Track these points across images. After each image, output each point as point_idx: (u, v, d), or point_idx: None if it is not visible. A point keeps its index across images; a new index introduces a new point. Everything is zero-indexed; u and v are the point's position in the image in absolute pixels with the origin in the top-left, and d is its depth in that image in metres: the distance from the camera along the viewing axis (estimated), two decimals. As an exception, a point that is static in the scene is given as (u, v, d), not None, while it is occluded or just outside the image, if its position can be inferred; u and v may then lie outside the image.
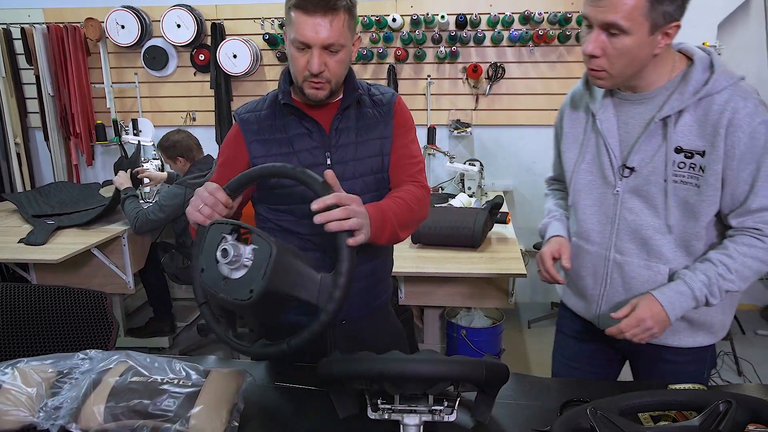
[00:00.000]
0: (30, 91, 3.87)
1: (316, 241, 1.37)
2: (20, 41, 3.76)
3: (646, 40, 1.12)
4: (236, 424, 1.08)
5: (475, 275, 2.28)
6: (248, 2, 3.60)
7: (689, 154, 1.17)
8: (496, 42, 3.41)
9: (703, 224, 1.21)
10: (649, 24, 1.10)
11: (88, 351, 1.25)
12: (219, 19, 3.62)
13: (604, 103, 1.28)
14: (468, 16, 3.35)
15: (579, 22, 3.20)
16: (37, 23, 3.72)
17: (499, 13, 3.33)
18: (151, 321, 3.37)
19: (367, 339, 1.50)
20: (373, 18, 3.42)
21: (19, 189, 3.94)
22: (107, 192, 3.35)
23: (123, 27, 3.58)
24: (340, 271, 0.99)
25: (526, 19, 3.29)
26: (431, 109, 3.55)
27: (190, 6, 3.55)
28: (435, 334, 3.01)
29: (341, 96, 1.38)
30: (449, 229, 2.38)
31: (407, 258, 2.35)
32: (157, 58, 3.70)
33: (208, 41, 3.64)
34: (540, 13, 3.24)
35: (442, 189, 3.56)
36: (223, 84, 3.65)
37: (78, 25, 3.68)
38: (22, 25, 3.73)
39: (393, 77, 3.52)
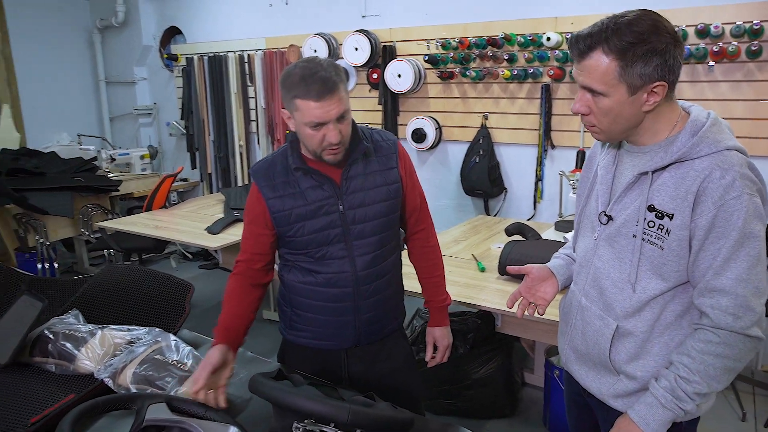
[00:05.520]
0: (251, 103, 4.81)
1: (327, 277, 1.55)
2: (247, 64, 4.70)
3: (627, 100, 1.11)
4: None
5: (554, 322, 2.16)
6: (417, 24, 3.86)
7: (660, 215, 1.14)
8: (665, 59, 3.02)
9: (669, 286, 1.16)
10: (626, 86, 1.09)
11: (153, 329, 1.67)
12: (391, 41, 3.96)
13: (609, 151, 1.29)
14: (632, 32, 3.04)
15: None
16: (260, 49, 4.59)
17: (668, 27, 2.95)
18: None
19: (379, 361, 1.66)
20: (528, 37, 3.36)
21: (239, 183, 4.94)
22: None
23: (315, 51, 4.19)
24: None
25: (701, 33, 2.84)
26: (584, 131, 3.33)
27: (367, 30, 3.97)
28: (541, 368, 2.88)
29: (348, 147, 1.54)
30: (539, 265, 2.28)
31: (490, 290, 2.34)
32: (340, 77, 4.22)
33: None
34: (716, 26, 2.77)
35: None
36: (389, 100, 4.00)
37: (284, 50, 4.43)
38: (248, 52, 4.65)
39: (547, 96, 3.40)
